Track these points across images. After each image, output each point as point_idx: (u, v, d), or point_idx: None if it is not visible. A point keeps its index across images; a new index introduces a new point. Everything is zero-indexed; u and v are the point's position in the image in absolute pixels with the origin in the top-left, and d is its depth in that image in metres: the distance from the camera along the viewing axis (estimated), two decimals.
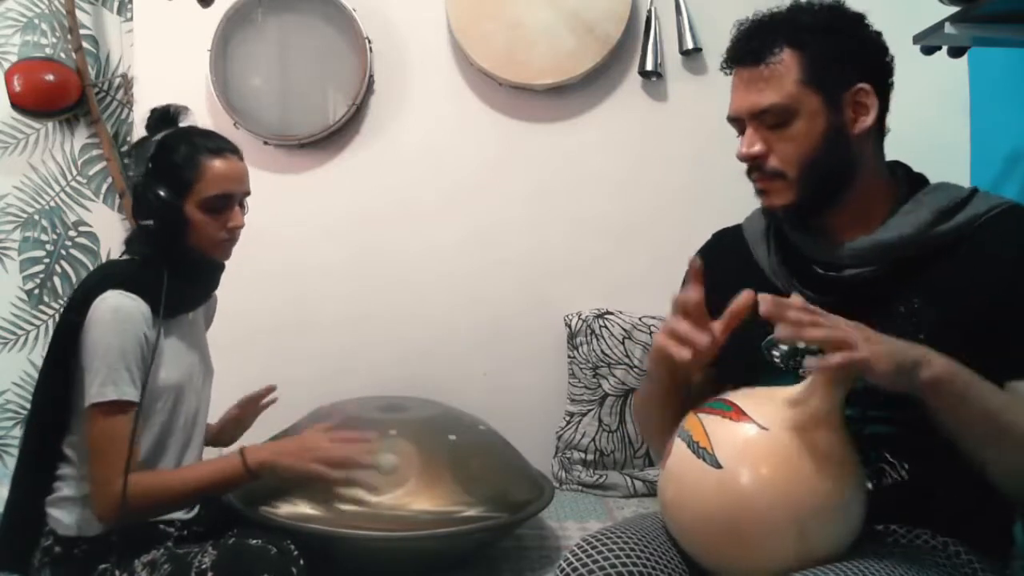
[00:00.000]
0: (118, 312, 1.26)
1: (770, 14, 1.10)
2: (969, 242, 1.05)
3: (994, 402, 0.94)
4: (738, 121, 1.12)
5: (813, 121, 1.06)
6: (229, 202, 1.36)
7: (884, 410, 0.99)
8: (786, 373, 1.07)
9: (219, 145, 1.37)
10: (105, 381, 1.24)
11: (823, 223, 1.12)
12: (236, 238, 1.40)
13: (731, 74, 1.13)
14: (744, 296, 1.01)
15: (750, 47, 1.08)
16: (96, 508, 1.25)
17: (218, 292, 1.52)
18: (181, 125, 1.40)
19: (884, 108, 1.10)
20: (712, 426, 0.97)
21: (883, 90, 1.09)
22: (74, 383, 1.29)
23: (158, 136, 1.36)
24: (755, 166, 1.10)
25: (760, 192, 1.13)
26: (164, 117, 1.39)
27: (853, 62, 1.06)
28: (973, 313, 1.01)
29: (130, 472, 1.23)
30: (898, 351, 0.91)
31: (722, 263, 1.26)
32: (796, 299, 0.92)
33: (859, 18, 1.09)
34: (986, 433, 0.95)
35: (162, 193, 1.30)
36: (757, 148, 1.08)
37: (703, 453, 0.95)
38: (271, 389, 1.63)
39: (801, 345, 1.12)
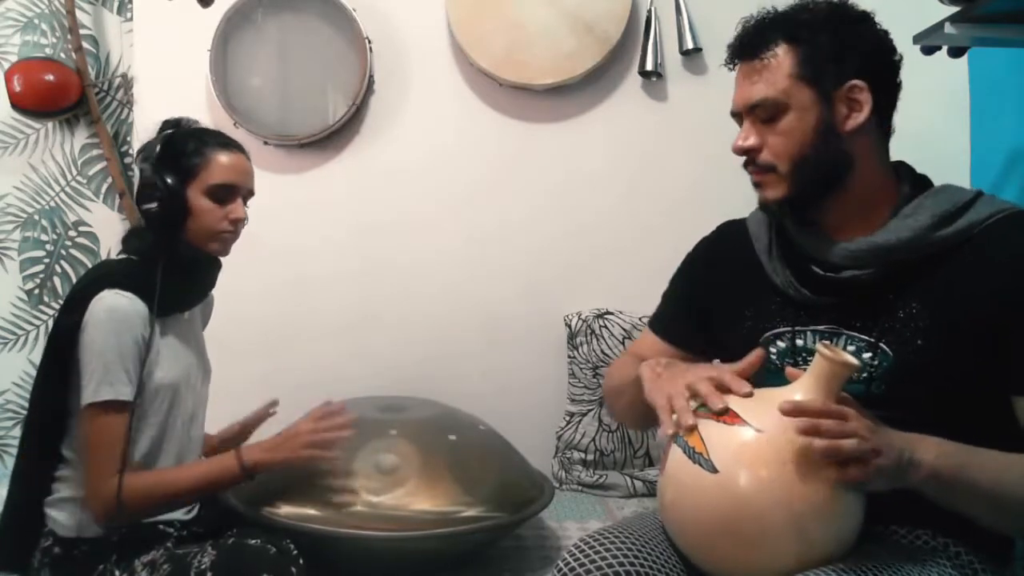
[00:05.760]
0: (115, 312, 1.26)
1: (773, 11, 1.11)
2: (970, 247, 1.04)
3: (987, 478, 0.95)
4: (738, 115, 1.13)
5: (804, 116, 1.06)
6: (233, 193, 1.37)
7: (881, 410, 0.98)
8: (782, 372, 1.07)
9: (227, 141, 1.40)
10: (102, 381, 1.24)
11: (822, 220, 1.12)
12: (237, 232, 1.40)
13: (734, 70, 1.14)
14: (755, 355, 1.05)
15: (748, 42, 1.10)
16: (92, 509, 1.25)
17: (217, 291, 1.52)
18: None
19: (888, 107, 1.10)
20: (707, 430, 0.97)
21: (884, 88, 1.08)
22: (72, 384, 1.29)
23: (167, 131, 1.37)
24: (749, 159, 1.12)
25: (755, 185, 1.14)
26: (177, 125, 1.41)
27: (849, 58, 1.06)
28: (972, 321, 1.01)
29: (125, 471, 1.23)
30: (892, 464, 0.91)
31: (724, 256, 1.27)
32: (815, 402, 0.93)
33: (862, 16, 1.09)
34: (983, 507, 0.97)
35: (167, 178, 1.31)
36: (751, 141, 1.10)
37: (699, 458, 0.95)
38: (274, 404, 1.62)
39: (799, 343, 1.13)
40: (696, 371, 1.05)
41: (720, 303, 1.23)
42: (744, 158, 1.13)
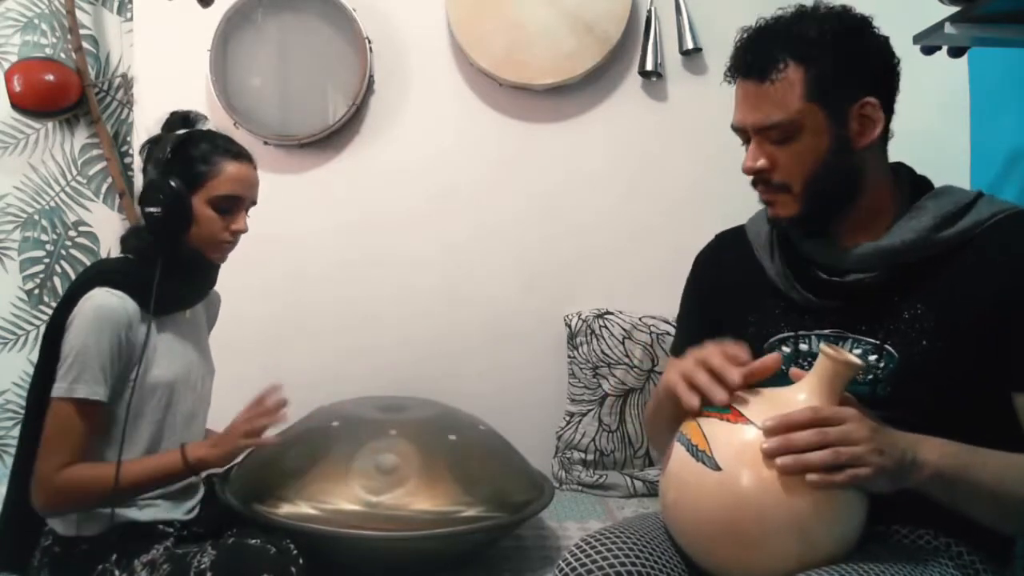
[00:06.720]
0: (100, 310, 1.26)
1: (774, 22, 1.07)
2: (972, 248, 1.04)
3: (989, 478, 0.95)
4: (743, 131, 1.10)
5: (818, 137, 1.04)
6: (238, 204, 1.38)
7: (883, 410, 0.98)
8: (786, 375, 1.06)
9: (238, 150, 1.39)
10: (77, 378, 1.25)
11: (829, 229, 1.12)
12: (236, 242, 1.41)
13: (734, 83, 1.11)
14: (771, 360, 1.00)
15: (754, 61, 1.06)
16: (35, 497, 1.26)
17: (218, 291, 1.52)
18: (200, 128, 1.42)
19: (889, 114, 1.08)
20: (710, 429, 0.97)
21: (889, 98, 1.07)
22: None
23: (179, 132, 1.37)
24: (760, 179, 1.10)
25: (766, 203, 1.13)
26: (184, 120, 1.40)
27: (859, 76, 1.04)
28: (976, 320, 1.01)
29: (75, 464, 1.25)
30: (894, 464, 0.91)
31: (724, 265, 1.26)
32: (805, 413, 0.91)
33: (866, 24, 1.06)
34: (985, 507, 0.97)
35: (173, 183, 1.31)
36: (761, 163, 1.07)
37: (702, 456, 0.95)
38: (276, 388, 1.60)
39: (803, 347, 1.12)
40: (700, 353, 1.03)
41: (726, 310, 1.22)
42: (752, 177, 1.11)
